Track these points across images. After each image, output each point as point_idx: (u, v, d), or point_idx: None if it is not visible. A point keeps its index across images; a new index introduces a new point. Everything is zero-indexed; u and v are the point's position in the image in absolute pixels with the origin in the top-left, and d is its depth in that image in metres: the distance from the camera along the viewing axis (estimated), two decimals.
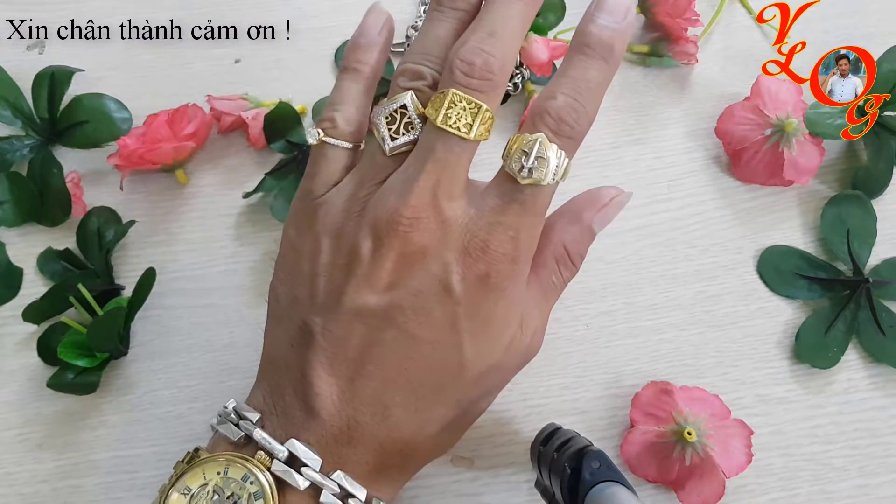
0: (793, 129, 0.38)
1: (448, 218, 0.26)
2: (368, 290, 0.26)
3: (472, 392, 0.27)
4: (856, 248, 0.39)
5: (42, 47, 0.44)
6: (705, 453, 0.34)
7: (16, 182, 0.39)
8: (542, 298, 0.29)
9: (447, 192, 0.26)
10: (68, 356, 0.35)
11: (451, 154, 0.26)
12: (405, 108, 0.27)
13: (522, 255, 0.27)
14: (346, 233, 0.26)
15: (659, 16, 0.42)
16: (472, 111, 0.25)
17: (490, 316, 0.26)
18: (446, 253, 0.26)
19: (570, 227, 0.29)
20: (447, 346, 0.26)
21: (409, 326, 0.26)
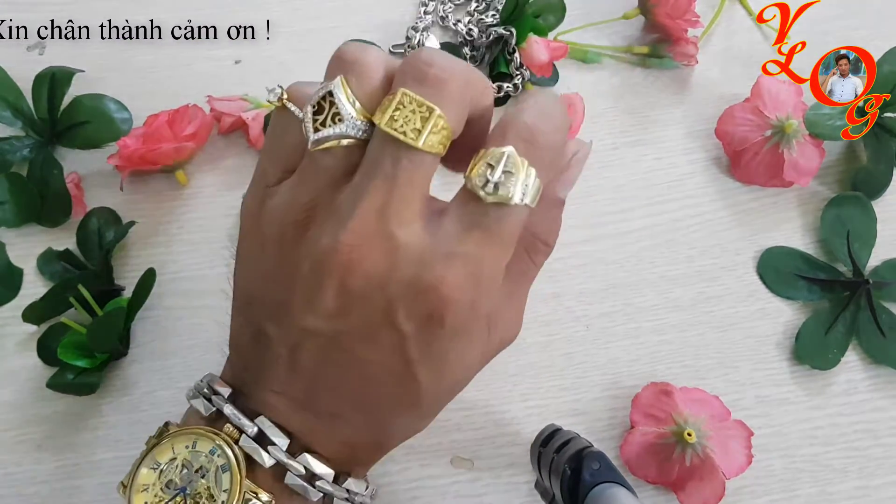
0: (793, 130, 0.38)
1: (398, 245, 0.23)
2: (312, 314, 0.24)
3: (434, 402, 0.26)
4: (856, 250, 0.39)
5: (42, 48, 0.44)
6: (705, 454, 0.34)
7: (16, 183, 0.39)
8: (515, 291, 0.27)
9: (397, 214, 0.23)
10: (68, 357, 0.35)
11: (401, 169, 0.22)
12: (332, 96, 0.23)
13: (484, 294, 0.24)
14: (286, 245, 0.24)
15: (659, 17, 0.42)
16: (422, 115, 0.22)
17: (444, 352, 0.24)
18: (393, 286, 0.23)
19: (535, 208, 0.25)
20: (399, 372, 0.24)
21: (356, 351, 0.24)
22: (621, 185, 0.41)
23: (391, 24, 0.45)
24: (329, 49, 0.44)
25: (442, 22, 0.45)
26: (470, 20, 0.45)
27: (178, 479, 0.24)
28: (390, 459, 0.35)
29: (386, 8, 0.45)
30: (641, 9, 0.44)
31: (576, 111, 0.41)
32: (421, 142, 0.22)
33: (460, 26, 0.44)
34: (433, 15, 0.45)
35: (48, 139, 0.41)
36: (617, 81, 0.44)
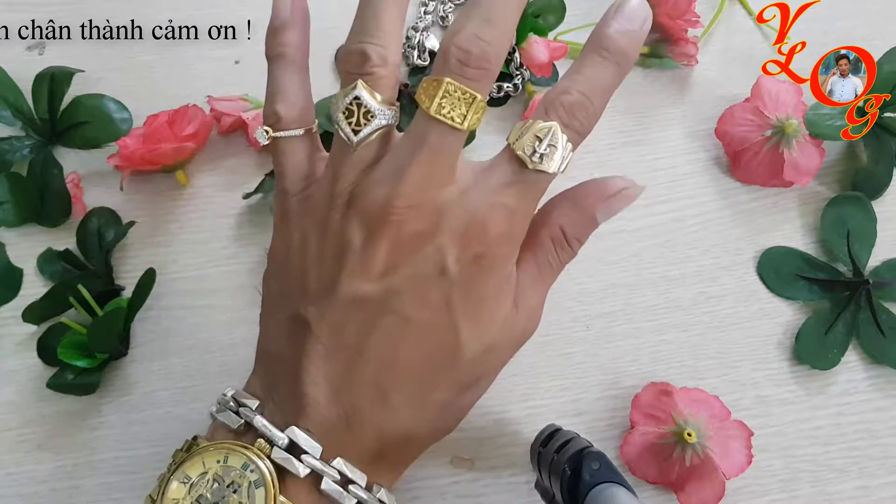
0: (793, 130, 0.38)
1: (442, 203, 0.26)
2: (362, 279, 0.25)
3: (469, 373, 0.27)
4: (856, 250, 0.39)
5: (42, 48, 0.44)
6: (705, 454, 0.34)
7: (16, 183, 0.39)
8: (539, 279, 0.28)
9: (439, 179, 0.26)
10: (68, 357, 0.35)
11: (444, 143, 0.25)
12: (359, 100, 0.26)
13: (516, 237, 0.27)
14: (334, 225, 0.26)
15: (659, 17, 0.42)
16: (466, 101, 0.25)
17: (483, 295, 0.26)
18: (441, 235, 0.26)
19: (571, 211, 0.28)
20: (443, 328, 0.26)
21: (405, 310, 0.26)
22: None
23: None
24: (329, 49, 0.44)
25: (442, 22, 0.45)
26: None
27: (209, 495, 0.24)
28: None
29: None
30: None
31: None
32: (466, 125, 0.25)
33: None
34: (433, 15, 0.45)
35: (48, 139, 0.41)
36: None
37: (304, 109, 0.29)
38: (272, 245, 0.29)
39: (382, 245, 0.25)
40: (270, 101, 0.28)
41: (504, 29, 0.26)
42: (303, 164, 0.28)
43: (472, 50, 0.25)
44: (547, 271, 0.29)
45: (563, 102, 0.26)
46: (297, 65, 0.29)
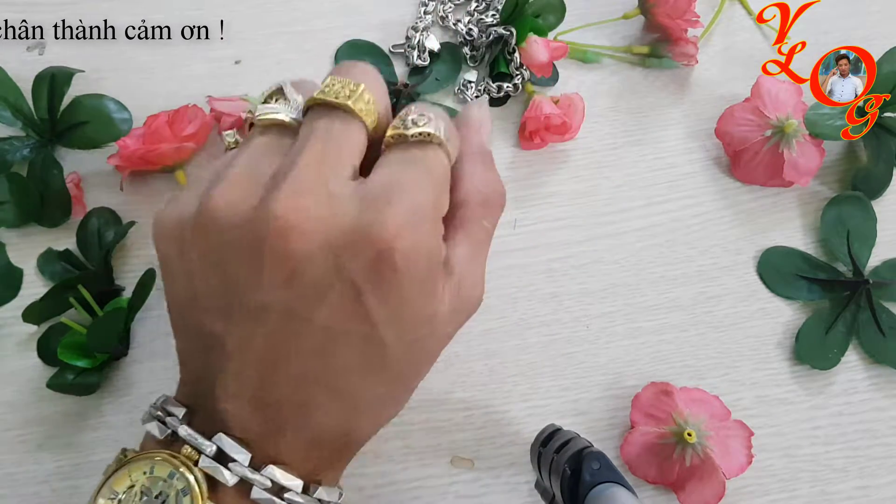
0: (793, 130, 0.38)
1: (335, 196, 0.23)
2: (262, 290, 0.23)
3: (404, 366, 0.25)
4: (856, 250, 0.39)
5: (42, 48, 0.44)
6: (705, 454, 0.34)
7: (16, 183, 0.39)
8: (476, 250, 0.27)
9: (332, 169, 0.24)
10: (68, 357, 0.35)
11: (334, 128, 0.24)
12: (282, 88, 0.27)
13: (427, 223, 0.24)
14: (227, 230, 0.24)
15: (659, 17, 0.42)
16: (350, 88, 0.25)
17: (404, 296, 0.24)
18: (335, 236, 0.23)
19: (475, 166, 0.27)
20: (361, 336, 0.24)
21: (313, 318, 0.23)
22: (621, 185, 0.41)
23: (391, 24, 0.45)
24: (329, 49, 0.44)
25: (442, 22, 0.45)
26: (470, 20, 0.45)
27: None
28: (390, 459, 0.35)
29: (386, 8, 0.45)
30: (641, 9, 0.44)
31: (576, 111, 0.41)
32: (351, 102, 0.24)
33: (460, 26, 0.44)
34: (433, 15, 0.45)
35: (48, 139, 0.41)
36: (617, 81, 0.44)
37: None
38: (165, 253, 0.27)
39: (274, 254, 0.23)
40: None
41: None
42: None
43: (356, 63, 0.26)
44: (483, 239, 0.27)
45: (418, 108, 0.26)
46: None
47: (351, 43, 0.44)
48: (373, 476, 0.35)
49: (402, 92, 0.42)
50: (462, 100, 0.43)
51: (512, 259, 0.39)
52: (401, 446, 0.36)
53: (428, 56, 0.43)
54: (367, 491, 0.35)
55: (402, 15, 0.45)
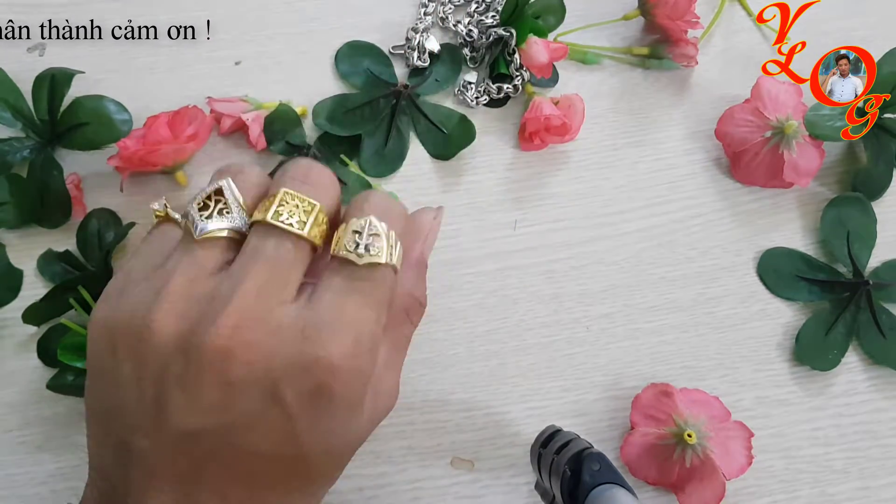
0: (793, 131, 0.38)
1: (279, 325, 0.23)
2: (192, 411, 0.22)
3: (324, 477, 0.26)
4: (856, 251, 0.39)
5: (42, 49, 0.44)
6: (705, 455, 0.34)
7: (16, 184, 0.39)
8: (395, 355, 0.27)
9: (277, 294, 0.23)
10: (68, 358, 0.35)
11: (283, 251, 0.23)
12: (220, 192, 0.24)
13: (366, 354, 0.24)
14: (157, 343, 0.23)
15: (659, 18, 0.42)
16: (305, 209, 0.24)
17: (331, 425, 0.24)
18: (277, 365, 0.22)
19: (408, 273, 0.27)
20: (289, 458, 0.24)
21: (243, 444, 0.23)
22: (621, 186, 0.41)
23: (391, 25, 0.45)
24: (329, 50, 0.44)
25: (442, 23, 0.45)
26: (470, 21, 0.45)
27: None
28: (390, 460, 0.35)
29: (386, 9, 0.45)
30: (641, 10, 0.44)
31: (576, 112, 0.41)
32: (306, 231, 0.24)
33: (460, 27, 0.44)
34: (433, 16, 0.45)
35: (48, 140, 0.41)
36: (617, 82, 0.44)
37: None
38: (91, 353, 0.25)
39: (210, 377, 0.22)
40: None
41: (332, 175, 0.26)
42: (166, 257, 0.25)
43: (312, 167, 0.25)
44: (403, 343, 0.27)
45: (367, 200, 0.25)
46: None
47: (351, 44, 0.44)
48: (373, 476, 0.35)
49: (402, 93, 0.42)
50: (462, 101, 0.43)
51: (512, 260, 0.39)
52: (401, 447, 0.36)
53: (428, 57, 0.43)
54: (367, 492, 0.35)
55: (402, 16, 0.45)
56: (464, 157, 0.41)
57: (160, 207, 0.26)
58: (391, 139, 0.42)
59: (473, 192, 0.41)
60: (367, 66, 0.43)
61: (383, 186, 0.41)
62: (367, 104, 0.42)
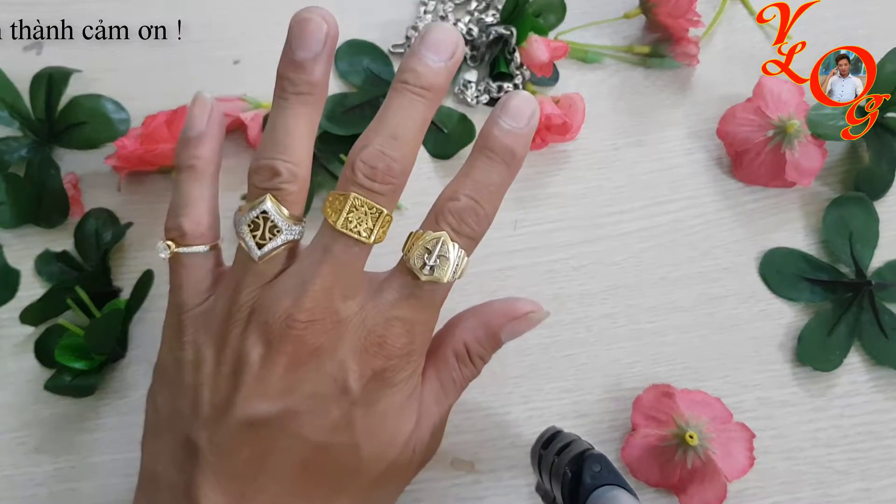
0: (795, 130, 0.38)
1: (344, 318, 0.25)
2: (259, 398, 0.25)
3: (370, 491, 0.27)
4: (858, 251, 0.39)
5: (39, 48, 0.44)
6: (707, 457, 0.33)
7: (13, 183, 0.39)
8: (442, 395, 0.28)
9: (343, 292, 0.26)
10: (65, 359, 0.35)
11: (349, 256, 0.25)
12: (266, 214, 0.26)
13: (417, 349, 0.27)
14: (232, 340, 0.26)
15: (660, 17, 0.42)
16: (373, 216, 0.25)
17: (386, 412, 0.26)
18: (342, 351, 0.25)
19: (476, 329, 0.29)
20: (344, 448, 0.26)
21: (303, 432, 0.25)
22: (622, 186, 0.41)
23: (391, 23, 0.45)
24: None
25: (442, 21, 0.45)
26: (470, 19, 0.44)
27: None
28: None
29: (385, 7, 0.45)
30: (642, 8, 0.43)
31: (576, 111, 0.40)
32: (373, 239, 0.25)
33: (460, 25, 0.44)
34: (433, 14, 0.45)
35: (45, 139, 0.40)
36: (618, 81, 0.44)
37: (210, 223, 0.28)
38: (160, 360, 0.28)
39: (281, 361, 0.25)
40: (175, 213, 0.28)
41: (410, 144, 0.26)
42: (203, 279, 0.28)
43: (378, 165, 0.25)
44: (450, 387, 0.29)
45: (451, 209, 0.26)
46: (207, 178, 0.29)
47: (351, 42, 0.44)
48: None
49: None
50: (462, 100, 0.43)
51: (512, 260, 0.39)
52: None
53: None
54: None
55: (401, 14, 0.45)
56: (464, 156, 0.41)
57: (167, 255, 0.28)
58: None
59: None
60: (367, 65, 0.43)
61: None
62: (367, 103, 0.42)
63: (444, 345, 0.28)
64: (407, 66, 0.26)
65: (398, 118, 0.26)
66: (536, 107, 0.27)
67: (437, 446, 0.29)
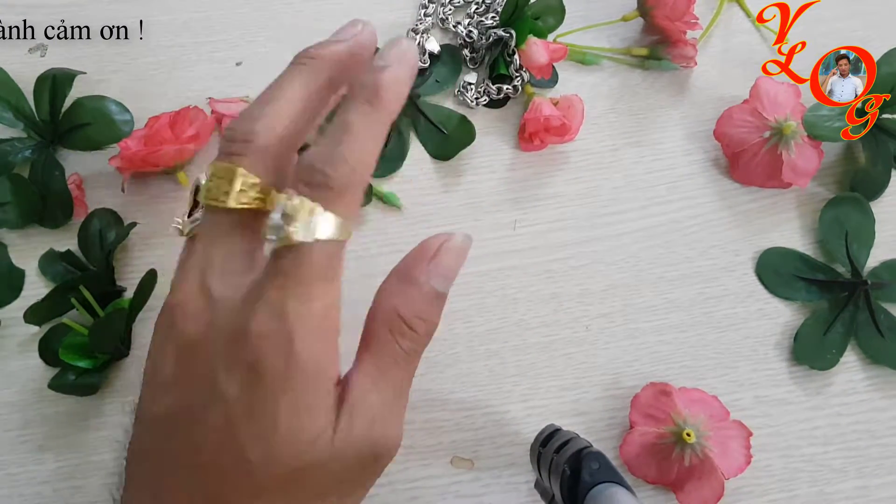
0: (791, 131, 0.39)
1: (217, 299, 0.23)
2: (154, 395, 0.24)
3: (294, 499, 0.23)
4: (854, 251, 0.39)
5: (44, 50, 0.44)
6: (704, 454, 0.34)
7: (18, 184, 0.39)
8: (382, 378, 0.24)
9: (219, 269, 0.23)
10: (70, 358, 0.35)
11: (217, 227, 0.23)
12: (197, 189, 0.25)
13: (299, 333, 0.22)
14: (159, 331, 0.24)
15: (658, 19, 0.42)
16: (227, 178, 0.23)
17: (274, 411, 0.22)
18: (215, 342, 0.22)
19: (402, 287, 0.24)
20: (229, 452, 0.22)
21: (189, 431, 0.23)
22: (620, 187, 0.41)
23: (391, 25, 0.45)
24: None
25: (442, 24, 0.45)
26: (469, 22, 0.45)
27: None
28: None
29: (386, 10, 0.45)
30: (640, 11, 0.44)
31: (575, 113, 0.41)
32: (232, 201, 0.23)
33: (460, 28, 0.44)
34: (433, 17, 0.45)
35: (50, 141, 0.41)
36: (616, 83, 0.44)
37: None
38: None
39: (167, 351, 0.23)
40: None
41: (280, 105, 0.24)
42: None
43: (236, 128, 0.24)
44: (392, 366, 0.24)
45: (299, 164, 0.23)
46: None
47: None
48: None
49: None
50: (462, 101, 0.43)
51: (512, 260, 0.39)
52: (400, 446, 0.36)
53: (428, 58, 0.44)
54: None
55: (401, 17, 0.45)
56: (464, 157, 0.42)
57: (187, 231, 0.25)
58: (391, 139, 0.42)
59: (473, 193, 0.41)
60: None
61: (384, 187, 0.41)
62: None
63: (372, 322, 0.24)
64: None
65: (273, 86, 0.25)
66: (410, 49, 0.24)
67: (398, 438, 0.25)
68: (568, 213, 0.41)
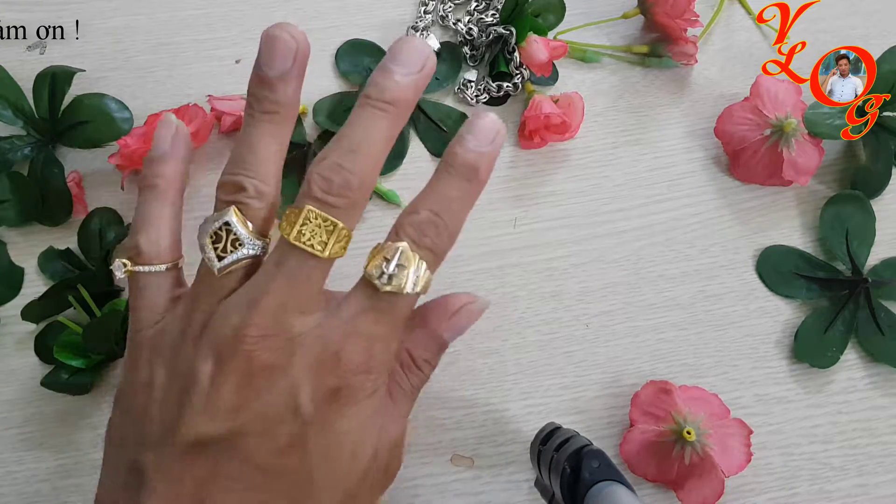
0: (792, 129, 0.38)
1: (297, 334, 0.24)
2: (206, 418, 0.24)
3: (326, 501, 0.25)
4: (854, 248, 0.39)
5: (43, 47, 0.44)
6: (704, 452, 0.34)
7: (17, 182, 0.39)
8: (394, 408, 0.27)
9: (298, 308, 0.25)
10: (64, 356, 0.35)
11: (303, 269, 0.24)
12: (229, 225, 0.25)
13: (377, 366, 0.25)
14: (184, 357, 0.25)
15: (658, 16, 0.42)
16: (327, 229, 0.24)
17: (343, 435, 0.25)
18: (295, 368, 0.24)
19: (416, 332, 0.27)
20: (295, 474, 0.24)
21: (252, 454, 0.24)
22: (621, 184, 0.41)
23: (391, 23, 0.45)
24: (328, 49, 0.44)
25: (442, 21, 0.45)
26: (470, 19, 0.45)
27: None
28: None
29: (386, 7, 0.45)
30: (641, 8, 0.44)
31: (575, 110, 0.41)
32: (327, 253, 0.24)
33: (460, 26, 0.44)
34: (433, 14, 0.45)
35: (49, 138, 0.41)
36: (616, 81, 0.44)
37: (170, 246, 0.28)
38: (119, 386, 0.27)
39: (230, 379, 0.24)
40: (134, 232, 0.27)
41: (369, 158, 0.25)
42: (159, 299, 0.27)
43: (333, 178, 0.24)
44: (400, 398, 0.27)
45: (411, 222, 0.25)
46: (169, 198, 0.28)
47: (351, 42, 0.44)
48: None
49: None
50: (462, 99, 0.43)
51: (512, 258, 0.39)
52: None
53: None
54: None
55: (402, 14, 0.45)
56: None
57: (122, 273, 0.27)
58: None
59: None
60: (368, 65, 0.44)
61: (384, 185, 0.41)
62: None
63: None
64: (372, 80, 0.25)
65: (359, 132, 0.25)
66: (502, 128, 0.26)
67: (398, 465, 0.28)
68: (568, 210, 0.41)
